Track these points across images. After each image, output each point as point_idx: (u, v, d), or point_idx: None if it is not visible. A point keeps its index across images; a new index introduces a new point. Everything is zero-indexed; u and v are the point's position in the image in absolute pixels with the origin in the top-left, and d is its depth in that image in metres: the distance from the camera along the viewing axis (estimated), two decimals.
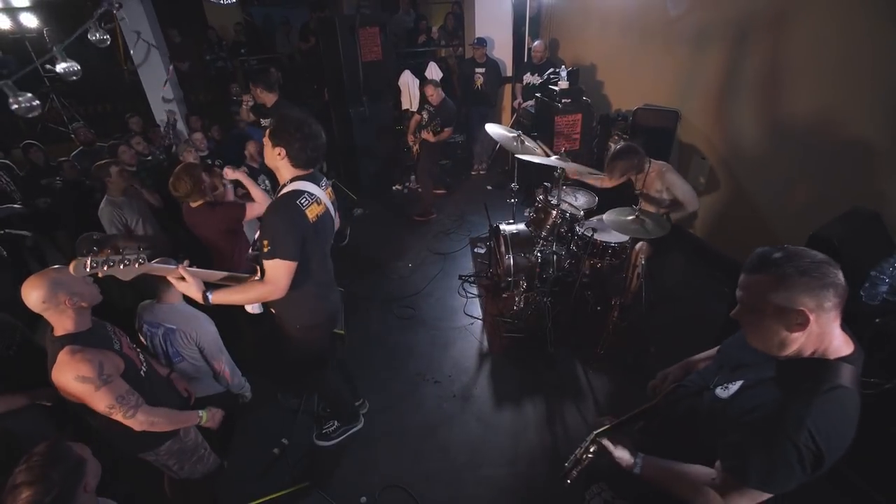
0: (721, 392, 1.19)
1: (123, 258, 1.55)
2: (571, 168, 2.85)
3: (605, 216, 2.81)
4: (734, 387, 1.17)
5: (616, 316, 2.99)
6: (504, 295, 3.52)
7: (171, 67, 5.37)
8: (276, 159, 1.82)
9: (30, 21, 7.32)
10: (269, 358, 3.01)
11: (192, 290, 1.73)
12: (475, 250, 4.34)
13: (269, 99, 3.99)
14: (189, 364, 2.38)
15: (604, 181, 3.08)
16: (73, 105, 7.36)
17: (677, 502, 1.20)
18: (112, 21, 3.59)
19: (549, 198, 3.16)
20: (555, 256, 3.12)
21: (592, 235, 2.99)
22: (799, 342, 1.03)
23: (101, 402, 1.62)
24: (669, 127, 3.97)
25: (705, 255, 3.86)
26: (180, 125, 5.51)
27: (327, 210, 1.93)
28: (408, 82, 5.70)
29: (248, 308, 1.95)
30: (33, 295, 1.57)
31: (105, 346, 1.71)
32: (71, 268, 1.50)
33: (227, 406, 2.60)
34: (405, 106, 5.79)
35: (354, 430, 2.63)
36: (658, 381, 1.59)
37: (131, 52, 5.16)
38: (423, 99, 4.69)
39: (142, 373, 1.85)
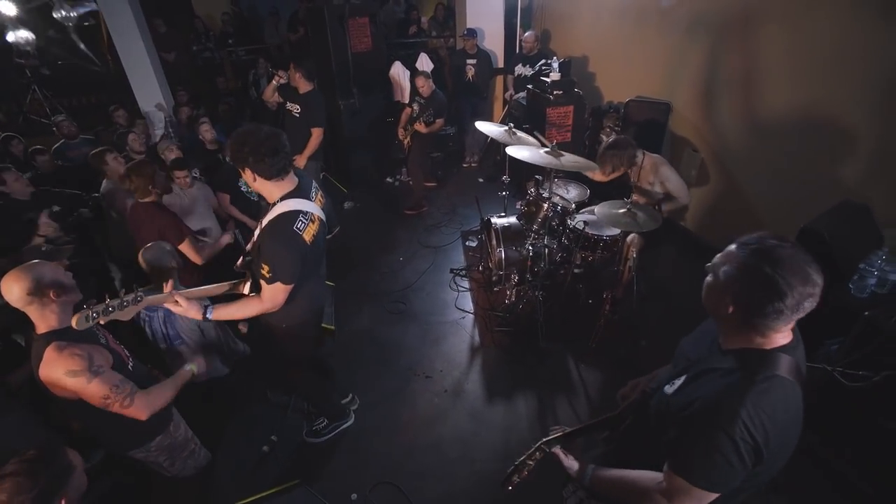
0: (669, 388, 1.19)
1: (122, 302, 1.61)
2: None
3: (596, 209, 2.79)
4: (679, 381, 1.17)
5: (608, 309, 2.99)
6: (496, 289, 3.50)
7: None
8: (254, 183, 1.79)
9: (7, 9, 7.12)
10: (258, 355, 2.99)
11: (191, 312, 1.78)
12: (466, 244, 4.31)
13: (304, 86, 3.96)
14: (187, 348, 2.36)
15: (596, 175, 3.06)
16: (56, 97, 7.18)
17: None
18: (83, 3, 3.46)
19: (541, 191, 3.14)
20: (546, 250, 3.10)
21: (584, 228, 2.97)
22: (746, 337, 1.04)
23: (95, 394, 1.58)
24: (661, 119, 3.96)
25: (697, 248, 3.87)
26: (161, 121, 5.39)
27: (322, 224, 1.90)
28: (399, 73, 5.62)
29: (241, 327, 1.99)
30: (16, 288, 1.52)
31: (91, 341, 1.68)
32: (74, 322, 1.52)
33: (228, 388, 2.60)
34: (396, 98, 5.71)
35: (345, 426, 2.61)
36: (627, 390, 1.59)
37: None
38: (414, 91, 4.63)
39: (129, 367, 1.82)
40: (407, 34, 6.68)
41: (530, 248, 3.13)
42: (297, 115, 4.02)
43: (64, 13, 2.93)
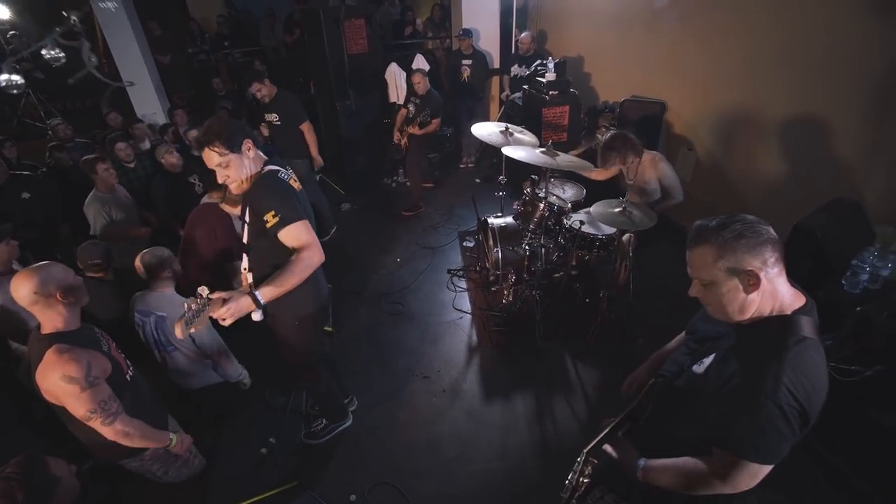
0: (697, 368, 1.18)
1: (200, 306, 1.52)
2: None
3: (592, 208, 2.80)
4: (708, 360, 1.17)
5: (605, 308, 3.00)
6: (493, 289, 3.51)
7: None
8: (249, 158, 1.75)
9: (2, 13, 7.09)
10: (256, 356, 2.98)
11: (243, 304, 1.60)
12: (464, 244, 4.32)
13: (269, 91, 3.95)
14: (181, 354, 2.36)
15: (596, 174, 3.07)
16: (51, 100, 7.16)
17: (679, 499, 1.20)
18: (76, 37, 3.44)
19: (537, 190, 3.15)
20: (543, 249, 3.11)
21: (580, 228, 2.98)
22: (756, 303, 1.04)
23: (82, 406, 1.57)
24: (656, 118, 3.98)
25: None
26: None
27: (303, 191, 1.89)
28: (395, 74, 5.62)
29: (254, 316, 1.88)
30: (24, 288, 1.53)
31: (93, 346, 1.67)
32: (178, 333, 1.47)
33: (225, 397, 2.60)
34: (392, 99, 5.72)
35: (343, 427, 2.61)
36: (627, 386, 1.59)
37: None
38: (410, 91, 4.63)
39: (128, 377, 1.81)
40: (402, 35, 6.69)
41: (527, 247, 3.14)
42: (279, 123, 4.05)
43: (54, 53, 2.91)
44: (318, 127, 5.80)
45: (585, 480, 1.30)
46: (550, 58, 4.66)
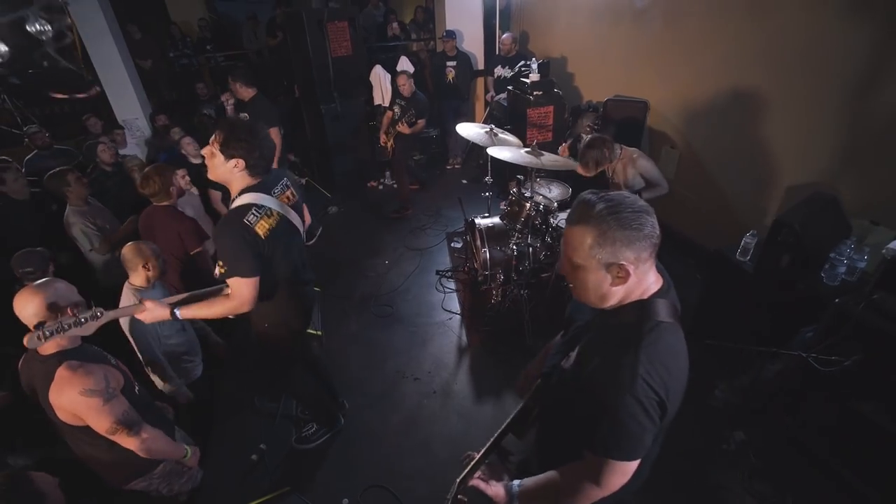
0: (565, 363, 1.15)
1: (78, 319, 1.48)
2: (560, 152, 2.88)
3: None
4: (574, 353, 1.13)
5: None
6: (482, 289, 3.52)
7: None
8: (232, 172, 1.72)
9: None
10: (244, 362, 2.95)
11: (159, 312, 1.72)
12: (452, 245, 4.33)
13: (247, 94, 3.91)
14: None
15: (581, 169, 3.11)
16: (28, 106, 6.98)
17: None
18: (56, 13, 3.31)
19: (523, 190, 3.17)
20: (530, 249, 3.13)
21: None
22: (619, 295, 1.02)
23: (106, 420, 1.54)
24: (639, 117, 4.03)
25: (676, 243, 3.95)
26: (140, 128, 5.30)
27: (282, 218, 1.82)
28: (379, 77, 5.62)
29: None
30: (30, 306, 1.49)
31: (101, 361, 1.65)
32: (25, 341, 1.42)
33: (210, 402, 2.55)
34: (377, 101, 5.71)
35: (334, 431, 2.60)
36: (522, 382, 1.56)
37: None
38: (395, 93, 4.63)
39: (136, 390, 1.78)
40: (387, 38, 6.69)
41: (514, 247, 3.16)
42: None
43: (39, 27, 2.75)
44: (303, 130, 5.80)
45: None
46: (534, 58, 4.70)
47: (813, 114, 2.75)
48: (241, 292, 1.72)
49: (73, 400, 1.50)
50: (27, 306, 1.49)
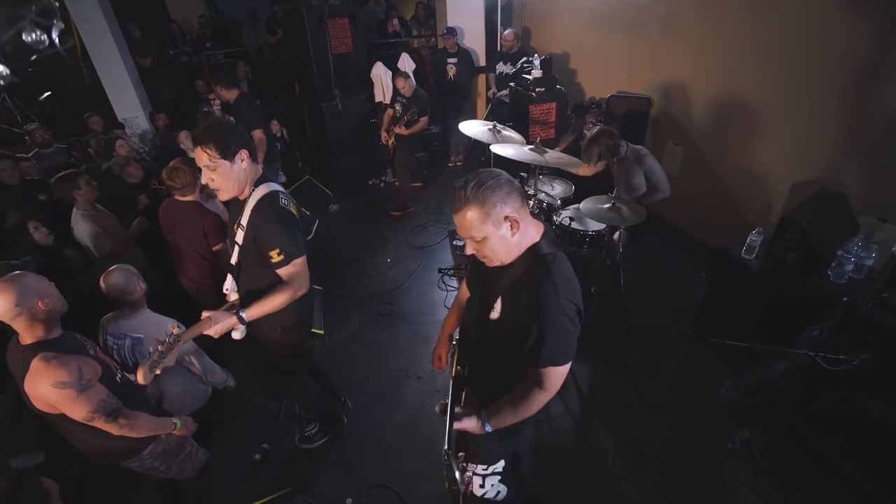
0: (493, 315, 1.34)
1: (168, 346, 1.53)
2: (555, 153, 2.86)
3: (581, 205, 2.81)
4: (498, 305, 1.33)
5: (595, 303, 3.01)
6: None
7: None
8: (243, 169, 1.70)
9: None
10: (247, 361, 2.94)
11: (228, 322, 1.69)
12: (454, 243, 4.31)
13: (230, 95, 3.88)
14: (170, 380, 2.29)
15: (583, 170, 3.08)
16: (28, 105, 6.97)
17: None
18: (52, 16, 3.28)
19: (526, 188, 3.15)
20: None
21: (570, 224, 2.99)
22: (519, 242, 1.24)
23: (81, 409, 1.56)
24: (642, 114, 4.00)
25: (681, 241, 3.93)
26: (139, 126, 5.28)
27: (301, 211, 1.89)
28: (380, 74, 5.59)
29: (234, 334, 1.87)
30: (2, 300, 1.48)
31: (79, 352, 1.65)
32: (140, 378, 1.47)
33: (210, 408, 2.56)
34: (378, 98, 5.68)
35: (337, 430, 2.59)
36: (436, 362, 1.80)
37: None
38: (396, 91, 4.61)
39: (118, 378, 1.78)
40: (387, 35, 6.65)
41: None
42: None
43: (35, 37, 2.72)
44: (303, 128, 5.78)
45: (457, 475, 1.38)
46: (536, 55, 4.67)
47: (818, 109, 2.72)
48: (300, 273, 1.75)
49: (46, 391, 1.51)
50: (1, 299, 1.49)
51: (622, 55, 4.29)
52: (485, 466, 1.62)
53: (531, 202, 3.01)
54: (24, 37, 2.69)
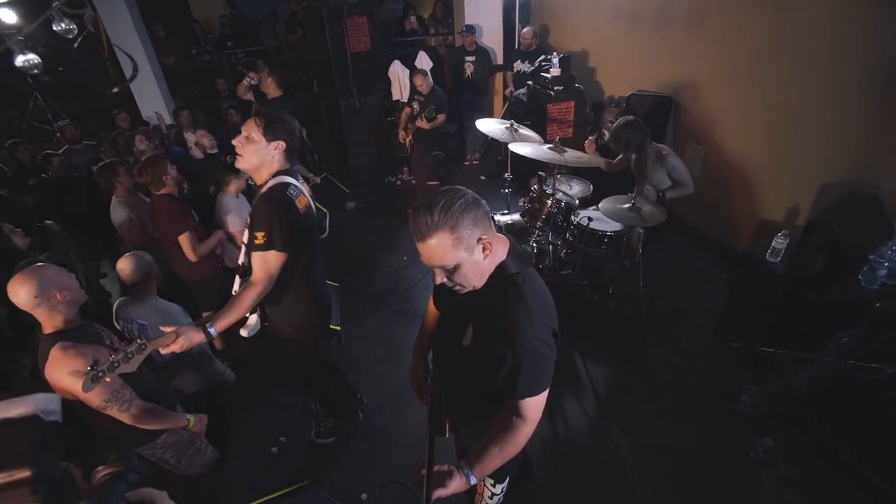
0: (465, 342, 1.26)
1: (127, 354, 1.47)
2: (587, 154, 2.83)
3: (600, 205, 2.77)
4: (469, 332, 1.25)
5: (613, 305, 2.97)
6: None
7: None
8: (270, 155, 1.77)
9: (8, 17, 7.14)
10: (264, 356, 2.99)
11: (195, 338, 1.61)
12: None
13: (273, 92, 3.96)
14: (163, 361, 2.34)
15: (606, 165, 3.04)
16: (58, 103, 7.20)
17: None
18: (80, 6, 3.38)
19: (544, 187, 3.12)
20: (550, 246, 3.08)
21: (588, 224, 2.95)
22: (490, 264, 1.15)
23: (95, 397, 1.60)
24: (663, 113, 3.93)
25: (701, 243, 3.85)
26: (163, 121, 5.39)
27: (310, 203, 1.90)
28: (397, 72, 5.60)
29: (242, 332, 1.91)
30: (23, 292, 1.54)
31: (96, 341, 1.70)
32: (81, 386, 1.40)
33: (219, 398, 2.61)
34: (395, 97, 5.70)
35: (353, 426, 2.61)
36: (417, 389, 1.69)
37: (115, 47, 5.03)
38: (414, 88, 4.61)
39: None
40: (405, 33, 6.66)
41: (534, 244, 3.12)
42: None
43: (64, 26, 2.79)
44: (321, 126, 5.83)
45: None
46: (555, 53, 4.62)
47: (846, 107, 2.63)
48: (269, 268, 1.71)
49: (63, 379, 1.56)
50: (19, 292, 1.54)
51: (642, 53, 4.22)
52: (492, 482, 1.54)
53: (549, 202, 2.98)
54: (53, 26, 2.76)
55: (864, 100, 2.53)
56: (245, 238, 1.83)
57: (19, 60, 2.74)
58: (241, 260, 1.89)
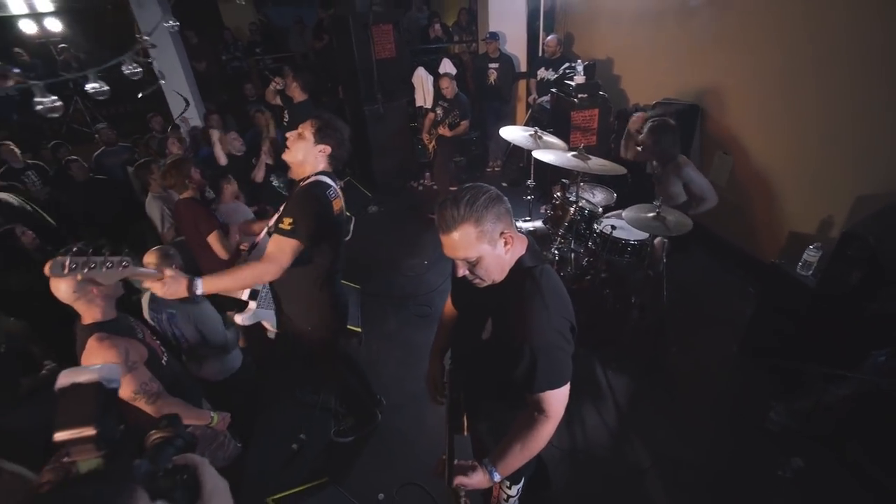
0: (485, 335, 1.27)
1: (106, 260, 1.41)
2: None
3: (624, 213, 2.75)
4: (489, 325, 1.26)
5: (636, 315, 2.93)
6: None
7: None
8: (316, 154, 1.87)
9: (54, 25, 7.52)
10: (285, 354, 3.04)
11: (179, 287, 1.55)
12: None
13: (299, 96, 4.08)
14: (189, 347, 2.40)
15: (634, 154, 3.03)
16: (96, 107, 7.53)
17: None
18: (148, 55, 3.79)
19: (567, 194, 3.11)
20: (572, 254, 3.07)
21: (612, 233, 2.93)
22: (510, 259, 1.19)
23: (126, 388, 1.66)
24: (690, 122, 3.87)
25: (728, 253, 3.76)
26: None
27: (343, 207, 1.96)
28: (422, 79, 5.68)
29: (237, 318, 1.97)
30: (63, 286, 1.62)
31: (129, 334, 1.77)
32: (46, 268, 1.37)
33: (248, 388, 2.65)
34: (419, 103, 5.77)
35: (372, 426, 2.63)
36: (433, 390, 1.69)
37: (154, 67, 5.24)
38: (437, 94, 4.67)
39: (163, 362, 1.90)
40: (429, 40, 6.75)
41: (556, 252, 3.11)
42: (286, 125, 4.22)
43: (131, 69, 3.08)
44: None
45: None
46: (580, 60, 4.61)
47: (886, 116, 2.55)
48: (283, 254, 1.71)
49: None
50: (60, 286, 1.61)
51: (669, 60, 4.18)
52: (508, 483, 1.57)
53: (572, 209, 2.97)
54: (123, 69, 3.06)
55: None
56: (272, 222, 1.89)
57: (89, 87, 3.01)
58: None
